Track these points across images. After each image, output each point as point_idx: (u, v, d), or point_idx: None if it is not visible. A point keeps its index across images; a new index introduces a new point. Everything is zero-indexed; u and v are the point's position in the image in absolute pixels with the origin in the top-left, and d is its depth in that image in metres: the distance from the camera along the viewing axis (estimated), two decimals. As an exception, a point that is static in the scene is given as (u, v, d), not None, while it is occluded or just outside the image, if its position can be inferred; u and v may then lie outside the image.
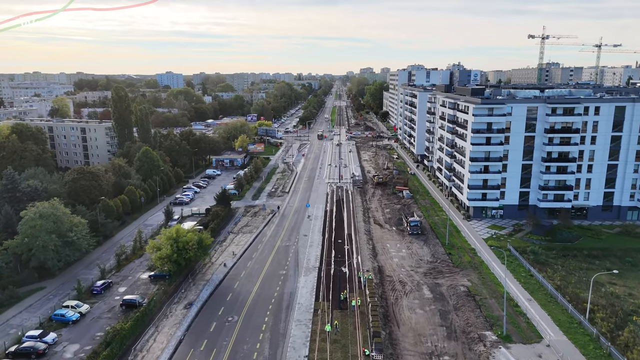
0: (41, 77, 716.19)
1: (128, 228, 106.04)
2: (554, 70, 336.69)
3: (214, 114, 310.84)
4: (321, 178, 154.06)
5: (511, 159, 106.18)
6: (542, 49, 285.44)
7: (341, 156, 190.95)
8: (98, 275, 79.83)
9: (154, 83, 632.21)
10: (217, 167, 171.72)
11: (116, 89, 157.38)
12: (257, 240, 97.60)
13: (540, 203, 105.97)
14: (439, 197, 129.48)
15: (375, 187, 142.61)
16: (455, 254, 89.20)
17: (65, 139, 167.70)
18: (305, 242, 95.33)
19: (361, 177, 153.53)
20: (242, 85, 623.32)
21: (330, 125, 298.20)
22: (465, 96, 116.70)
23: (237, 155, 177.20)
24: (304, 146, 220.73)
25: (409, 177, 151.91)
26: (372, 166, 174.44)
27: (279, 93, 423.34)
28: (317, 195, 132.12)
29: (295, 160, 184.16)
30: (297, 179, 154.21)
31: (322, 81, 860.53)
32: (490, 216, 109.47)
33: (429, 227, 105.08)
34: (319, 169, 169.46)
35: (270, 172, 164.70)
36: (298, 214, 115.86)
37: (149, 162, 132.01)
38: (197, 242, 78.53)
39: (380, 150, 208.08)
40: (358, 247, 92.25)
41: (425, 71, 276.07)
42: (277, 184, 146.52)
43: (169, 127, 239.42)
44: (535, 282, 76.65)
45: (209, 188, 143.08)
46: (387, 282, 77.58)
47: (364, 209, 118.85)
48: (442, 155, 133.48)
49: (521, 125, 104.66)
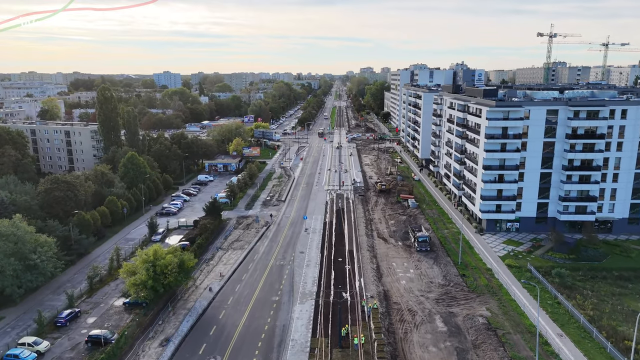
0: (37, 77, 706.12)
1: (108, 243, 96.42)
2: (561, 70, 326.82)
3: (210, 115, 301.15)
4: (320, 184, 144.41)
5: (528, 167, 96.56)
6: (549, 48, 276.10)
7: (341, 160, 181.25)
8: (66, 302, 70.25)
9: (151, 83, 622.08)
10: (210, 172, 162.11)
11: (102, 89, 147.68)
12: (248, 258, 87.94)
13: (560, 216, 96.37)
14: (447, 206, 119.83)
15: (378, 194, 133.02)
16: (470, 275, 79.54)
17: (49, 142, 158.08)
18: (302, 261, 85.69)
19: (363, 184, 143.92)
20: (241, 85, 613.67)
21: (330, 127, 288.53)
22: (477, 98, 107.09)
23: (232, 159, 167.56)
24: (302, 149, 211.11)
25: (414, 184, 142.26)
26: (374, 171, 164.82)
27: (278, 93, 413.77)
28: (316, 204, 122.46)
29: (293, 165, 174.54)
30: (295, 185, 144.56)
31: (322, 81, 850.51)
32: (505, 229, 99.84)
33: (439, 241, 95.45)
34: (317, 174, 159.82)
35: (267, 177, 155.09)
36: (294, 226, 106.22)
37: (134, 168, 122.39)
38: (177, 266, 68.90)
39: (382, 154, 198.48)
40: (361, 267, 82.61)
41: (428, 71, 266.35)
42: (273, 191, 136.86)
43: (161, 129, 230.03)
44: (564, 311, 67.01)
45: (199, 196, 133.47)
46: (394, 311, 67.98)
47: (367, 220, 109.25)
48: (450, 161, 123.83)
49: (540, 130, 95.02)
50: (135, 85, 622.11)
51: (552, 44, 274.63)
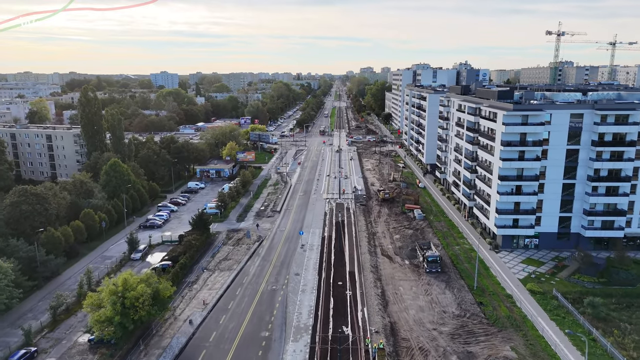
0: (32, 77, 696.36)
1: (82, 262, 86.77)
2: (568, 70, 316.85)
3: (206, 117, 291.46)
4: (318, 192, 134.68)
5: (549, 178, 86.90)
6: (557, 47, 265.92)
7: (341, 165, 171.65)
8: (23, 339, 60.60)
9: (148, 83, 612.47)
10: (202, 178, 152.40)
11: (84, 89, 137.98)
12: (236, 282, 78.23)
13: (584, 231, 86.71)
14: (457, 217, 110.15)
15: (381, 204, 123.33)
16: (488, 303, 69.87)
17: (30, 147, 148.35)
18: (297, 285, 75.99)
19: (364, 192, 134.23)
20: (239, 85, 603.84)
21: (330, 129, 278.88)
22: (490, 100, 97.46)
23: (225, 165, 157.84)
24: (300, 152, 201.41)
25: (419, 192, 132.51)
26: (376, 177, 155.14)
27: (276, 94, 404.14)
28: (314, 216, 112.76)
29: (290, 170, 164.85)
30: (291, 193, 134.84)
31: (322, 81, 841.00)
32: (523, 246, 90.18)
33: (450, 260, 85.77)
34: (316, 180, 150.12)
35: (262, 184, 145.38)
36: (290, 241, 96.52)
37: (117, 176, 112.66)
38: (151, 297, 59.30)
39: (384, 158, 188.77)
40: (363, 293, 72.96)
41: (431, 70, 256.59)
42: (268, 200, 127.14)
43: (153, 131, 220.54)
44: (602, 351, 57.35)
45: (189, 205, 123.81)
46: (403, 350, 58.28)
47: (369, 235, 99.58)
48: (460, 168, 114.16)
49: (562, 136, 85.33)
50: (132, 85, 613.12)
51: (559, 43, 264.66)
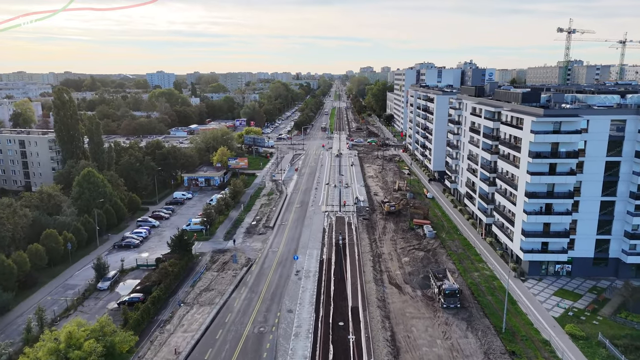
0: (26, 77, 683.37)
1: (39, 293, 74.42)
2: (577, 69, 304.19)
3: (200, 118, 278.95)
4: (316, 204, 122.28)
5: (585, 195, 74.61)
6: (568, 45, 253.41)
7: (341, 172, 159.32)
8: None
9: (144, 83, 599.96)
10: (190, 187, 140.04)
11: (58, 91, 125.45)
12: (218, 320, 65.82)
13: (626, 257, 74.44)
14: (472, 235, 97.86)
15: (386, 217, 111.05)
16: (522, 353, 57.42)
17: (2, 154, 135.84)
18: (289, 326, 63.61)
19: (367, 203, 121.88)
20: (236, 85, 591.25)
21: (329, 131, 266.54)
22: (512, 103, 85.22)
23: (215, 172, 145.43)
24: (297, 157, 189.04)
25: (428, 204, 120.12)
26: (380, 185, 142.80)
27: (274, 94, 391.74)
28: (311, 233, 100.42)
29: (286, 178, 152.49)
30: (287, 205, 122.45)
31: (321, 81, 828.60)
32: (554, 273, 77.84)
33: (469, 291, 73.44)
34: (314, 189, 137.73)
35: (255, 194, 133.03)
36: (283, 266, 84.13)
37: (91, 188, 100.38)
38: (103, 355, 46.98)
39: (388, 163, 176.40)
40: (369, 337, 60.62)
41: (436, 70, 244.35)
42: (261, 214, 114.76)
43: (142, 134, 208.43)
44: None
45: (173, 219, 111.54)
46: (421, 423, 45.93)
47: (374, 256, 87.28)
48: (475, 179, 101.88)
49: (601, 146, 73.04)
50: (128, 85, 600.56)
51: (570, 41, 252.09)
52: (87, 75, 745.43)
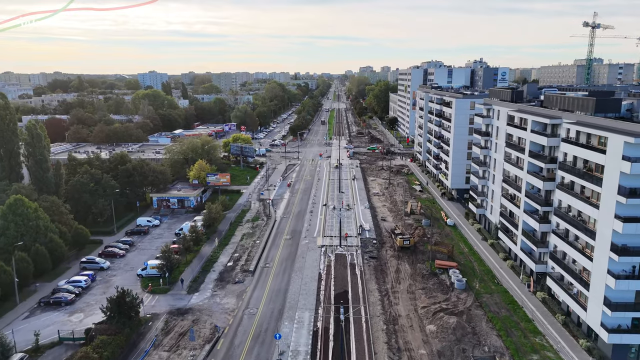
0: (14, 78, 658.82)
1: None
2: (598, 68, 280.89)
3: (187, 122, 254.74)
4: (311, 235, 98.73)
5: (699, 248, 51.26)
6: (591, 41, 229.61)
7: (342, 188, 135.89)
8: None
9: (135, 84, 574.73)
10: (160, 210, 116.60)
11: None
12: None
13: None
14: (514, 284, 74.39)
15: (399, 254, 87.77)
16: None
17: None
18: None
19: (374, 232, 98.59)
20: (230, 85, 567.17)
21: (327, 136, 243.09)
22: (577, 113, 61.88)
23: (191, 191, 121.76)
24: (291, 168, 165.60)
25: (450, 235, 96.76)
26: (387, 206, 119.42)
27: (269, 95, 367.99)
28: (302, 282, 76.79)
29: (277, 196, 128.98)
30: (274, 236, 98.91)
31: (320, 80, 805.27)
32: (648, 359, 54.49)
33: (530, 391, 50.04)
34: (309, 213, 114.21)
35: (236, 219, 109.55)
36: (261, 342, 60.41)
37: (19, 221, 77.05)
38: None
39: (395, 176, 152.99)
40: None
41: (446, 69, 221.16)
42: (241, 249, 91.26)
43: (116, 142, 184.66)
44: None
45: (129, 258, 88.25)
46: None
47: (388, 322, 63.86)
48: (516, 209, 78.48)
49: None
50: (118, 86, 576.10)
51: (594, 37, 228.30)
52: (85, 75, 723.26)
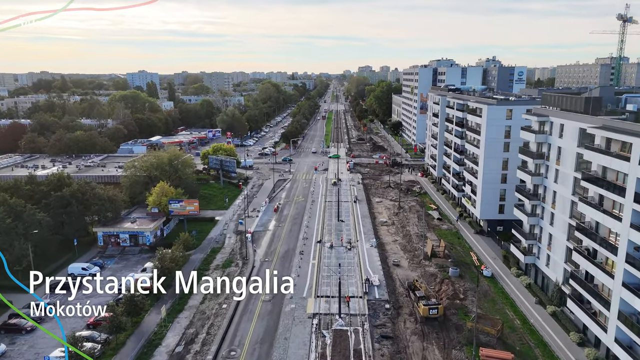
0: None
1: None
2: (624, 67, 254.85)
3: (167, 128, 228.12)
4: (299, 295, 72.04)
5: None
6: (622, 37, 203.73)
7: (341, 215, 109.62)
8: None
9: (124, 84, 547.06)
10: (106, 249, 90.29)
11: None
12: None
13: None
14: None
15: (423, 327, 61.61)
16: None
17: None
18: None
19: (385, 288, 72.38)
20: (222, 86, 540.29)
21: (324, 144, 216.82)
22: None
23: (148, 223, 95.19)
24: (281, 185, 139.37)
25: (491, 297, 70.61)
26: (400, 242, 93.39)
27: (263, 96, 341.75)
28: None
29: (258, 227, 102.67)
30: (247, 298, 72.33)
31: (318, 80, 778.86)
32: None
33: None
34: (298, 255, 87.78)
35: (203, 264, 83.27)
36: None
37: None
38: None
39: (405, 196, 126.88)
40: None
41: (459, 69, 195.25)
42: (198, 322, 64.76)
43: (77, 153, 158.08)
44: None
45: (37, 336, 61.95)
46: None
47: None
48: (604, 278, 52.25)
49: None
50: (106, 86, 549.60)
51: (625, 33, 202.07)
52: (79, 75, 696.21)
